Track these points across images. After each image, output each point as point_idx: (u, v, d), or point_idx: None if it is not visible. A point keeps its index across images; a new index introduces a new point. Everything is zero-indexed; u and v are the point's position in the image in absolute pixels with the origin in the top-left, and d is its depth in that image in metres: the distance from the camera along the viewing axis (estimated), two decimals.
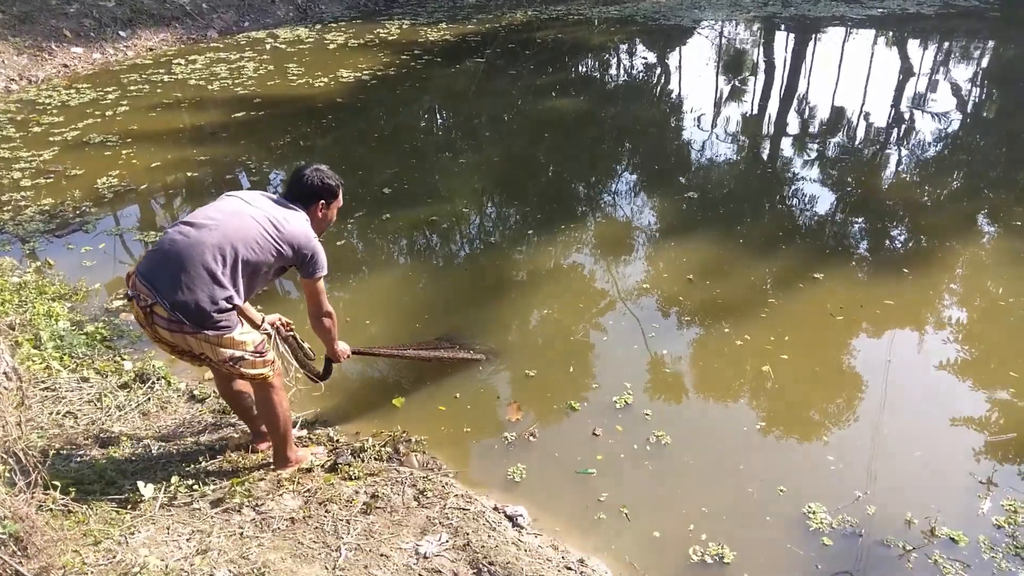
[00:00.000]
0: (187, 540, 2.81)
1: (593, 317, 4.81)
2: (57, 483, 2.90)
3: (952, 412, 3.88)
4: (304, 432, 3.74)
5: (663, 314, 4.84)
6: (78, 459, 3.28)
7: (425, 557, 2.84)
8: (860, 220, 6.20)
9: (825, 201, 6.59)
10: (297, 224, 3.05)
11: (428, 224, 6.15)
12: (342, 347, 3.50)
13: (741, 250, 5.56)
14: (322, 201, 3.20)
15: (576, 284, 5.24)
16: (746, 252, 5.54)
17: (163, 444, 3.48)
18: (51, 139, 8.07)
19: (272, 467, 3.37)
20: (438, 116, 9.54)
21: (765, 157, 7.96)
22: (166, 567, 2.59)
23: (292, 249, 2.99)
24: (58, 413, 3.64)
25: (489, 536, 2.99)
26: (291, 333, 3.43)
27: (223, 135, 8.31)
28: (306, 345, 3.51)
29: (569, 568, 2.94)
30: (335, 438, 3.72)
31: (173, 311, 2.77)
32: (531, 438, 3.74)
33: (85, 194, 6.73)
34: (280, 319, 3.41)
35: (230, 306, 2.87)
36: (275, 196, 3.13)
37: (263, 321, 3.12)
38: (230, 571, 2.63)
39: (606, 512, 3.30)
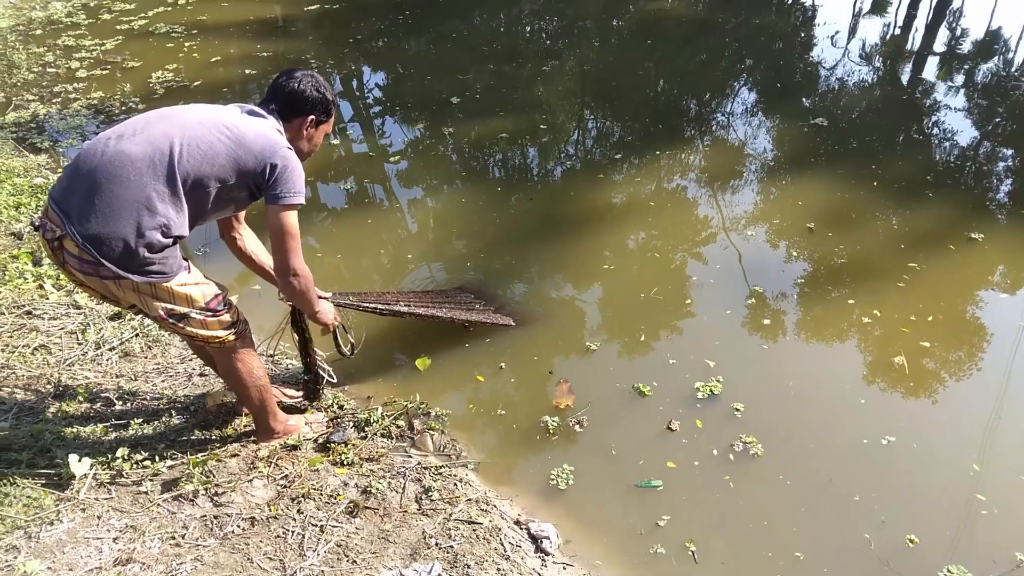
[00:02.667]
0: (113, 540, 2.21)
1: (680, 272, 3.86)
2: None
3: None
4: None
5: (770, 273, 3.82)
6: (19, 412, 2.74)
7: None
8: None
9: (987, 141, 5.21)
10: (260, 127, 2.25)
11: (496, 142, 5.25)
12: (324, 309, 2.64)
13: (876, 195, 4.40)
14: (311, 116, 2.40)
15: (666, 227, 4.26)
16: (882, 198, 4.37)
17: (132, 398, 2.90)
18: (117, 27, 7.59)
19: (253, 438, 2.74)
20: (529, 17, 8.43)
21: (910, 82, 6.49)
22: None
23: (252, 157, 2.19)
24: (27, 346, 3.12)
25: (498, 571, 2.26)
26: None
27: (292, 29, 7.63)
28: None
29: None
30: (341, 404, 3.03)
31: (85, 246, 2.07)
32: (578, 427, 2.93)
33: (136, 88, 6.20)
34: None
35: (168, 239, 2.15)
36: (246, 105, 2.34)
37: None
38: None
39: (665, 544, 2.49)
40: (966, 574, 2.35)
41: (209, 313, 2.28)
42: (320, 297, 2.64)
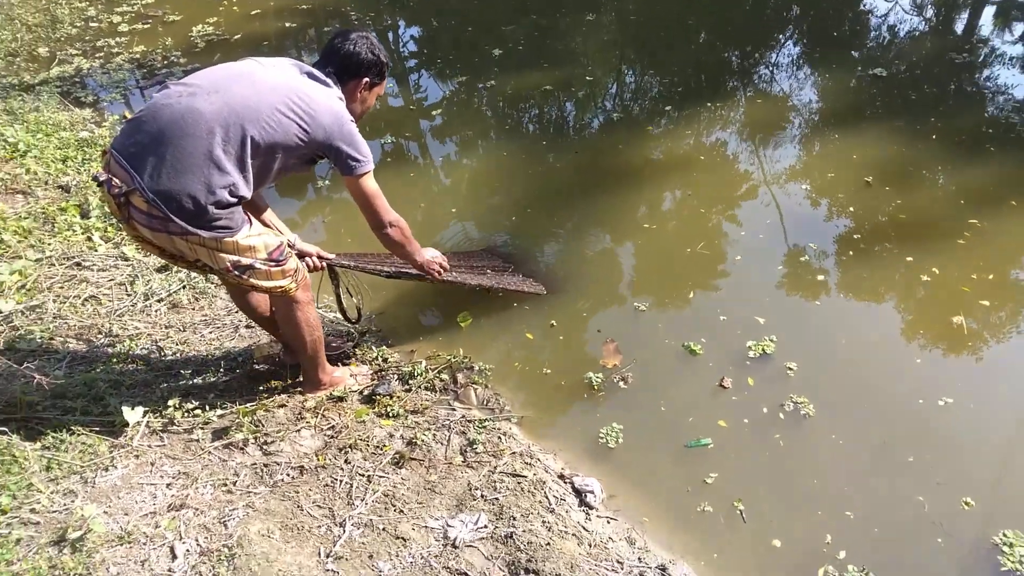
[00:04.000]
0: (167, 486, 2.26)
1: (731, 226, 3.76)
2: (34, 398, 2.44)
3: None
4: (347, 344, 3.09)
5: (826, 229, 3.71)
6: (72, 361, 2.79)
7: (454, 546, 2.15)
8: None
9: None
10: (328, 101, 2.25)
11: (539, 95, 5.14)
12: (431, 255, 2.80)
13: (935, 150, 4.21)
14: (366, 79, 2.40)
15: (713, 182, 4.14)
16: (941, 153, 4.19)
17: (181, 348, 2.94)
18: None
19: (300, 389, 2.76)
20: None
21: (965, 31, 6.17)
22: (120, 529, 2.05)
23: (323, 132, 2.21)
24: (78, 297, 3.17)
25: (543, 523, 2.25)
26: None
27: None
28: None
29: None
30: (385, 356, 3.04)
31: (155, 202, 2.07)
32: (622, 383, 2.90)
33: (177, 42, 6.20)
34: (319, 253, 2.74)
35: (234, 199, 2.15)
36: (302, 64, 2.32)
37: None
38: (197, 543, 2.05)
39: (713, 502, 2.46)
40: (1022, 538, 2.28)
41: (273, 263, 2.28)
42: (337, 256, 2.79)
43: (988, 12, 6.51)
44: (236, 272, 2.25)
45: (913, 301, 3.22)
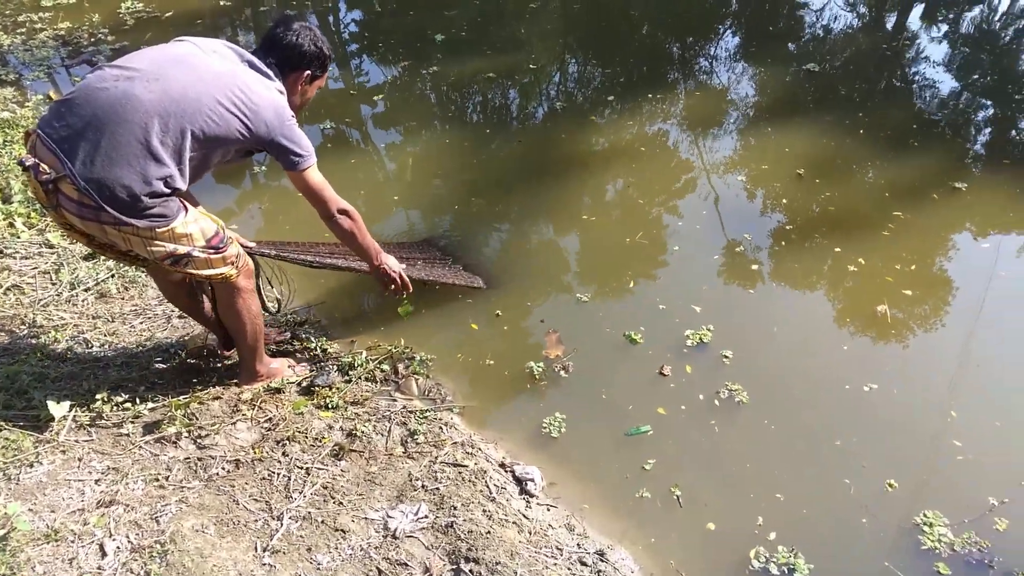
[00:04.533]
0: (95, 482, 2.19)
1: (669, 217, 3.83)
2: None
3: None
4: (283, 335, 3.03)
5: (760, 219, 3.80)
6: None
7: (394, 537, 2.15)
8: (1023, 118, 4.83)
9: (974, 91, 5.16)
10: (271, 95, 2.20)
11: (482, 82, 5.12)
12: (388, 261, 2.69)
13: (863, 143, 4.36)
14: (307, 72, 2.35)
15: (652, 172, 4.20)
16: (868, 146, 4.33)
17: (110, 340, 2.84)
18: None
19: (236, 381, 2.70)
20: None
21: (895, 29, 6.39)
22: (47, 527, 1.98)
23: (264, 128, 2.16)
24: (0, 286, 3.03)
25: (484, 512, 2.27)
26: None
27: None
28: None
29: (583, 564, 2.20)
30: (324, 347, 2.99)
31: (87, 191, 1.98)
32: (563, 372, 2.93)
33: (105, 18, 5.95)
34: (237, 239, 2.68)
35: (168, 190, 2.08)
36: (242, 50, 2.25)
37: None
38: (128, 539, 1.99)
39: (651, 487, 2.51)
40: (941, 518, 2.40)
41: (212, 250, 2.22)
42: (258, 244, 2.71)
43: (916, 11, 6.75)
44: (173, 262, 2.19)
45: (841, 291, 3.34)
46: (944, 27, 6.30)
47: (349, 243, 2.53)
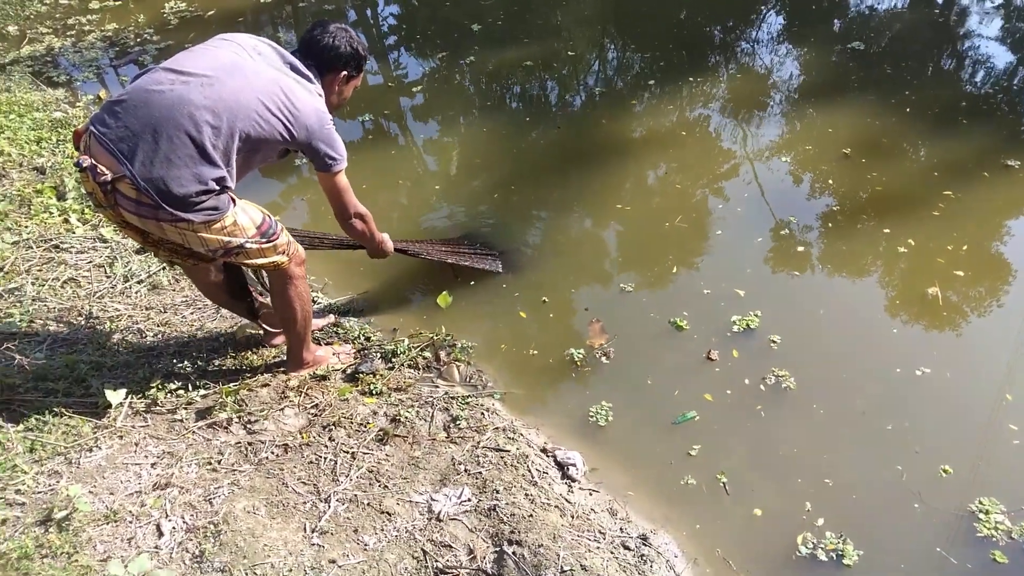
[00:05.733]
0: (151, 466, 2.26)
1: (714, 200, 3.78)
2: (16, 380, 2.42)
3: None
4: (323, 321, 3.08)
5: (806, 202, 3.73)
6: (53, 344, 2.77)
7: (438, 519, 2.17)
8: None
9: (1022, 66, 4.98)
10: (311, 100, 2.26)
11: (520, 70, 5.11)
12: (384, 239, 2.83)
13: (910, 122, 4.23)
14: (344, 72, 2.40)
15: (693, 157, 4.14)
16: (916, 125, 4.20)
17: (162, 330, 2.92)
18: None
19: (283, 369, 2.76)
20: None
21: (944, 4, 6.18)
22: (106, 508, 2.05)
23: (305, 132, 2.23)
24: (57, 279, 3.14)
25: (526, 496, 2.28)
26: None
27: None
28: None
29: (626, 547, 2.20)
30: (367, 335, 3.04)
31: (147, 191, 2.05)
32: (604, 359, 2.92)
33: (150, 19, 6.09)
34: None
35: (219, 188, 2.15)
36: (283, 51, 2.30)
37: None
38: (183, 520, 2.06)
39: (696, 474, 2.49)
40: (997, 505, 2.34)
41: (264, 239, 2.29)
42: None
43: None
44: (227, 254, 2.27)
45: (890, 273, 3.26)
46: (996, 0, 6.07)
47: (360, 240, 2.71)
